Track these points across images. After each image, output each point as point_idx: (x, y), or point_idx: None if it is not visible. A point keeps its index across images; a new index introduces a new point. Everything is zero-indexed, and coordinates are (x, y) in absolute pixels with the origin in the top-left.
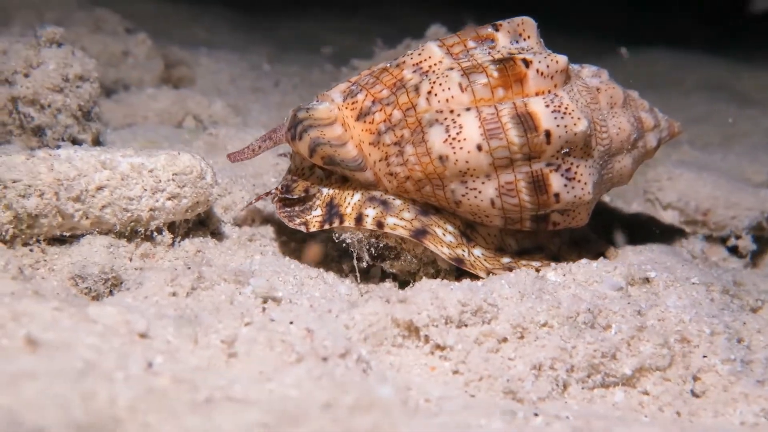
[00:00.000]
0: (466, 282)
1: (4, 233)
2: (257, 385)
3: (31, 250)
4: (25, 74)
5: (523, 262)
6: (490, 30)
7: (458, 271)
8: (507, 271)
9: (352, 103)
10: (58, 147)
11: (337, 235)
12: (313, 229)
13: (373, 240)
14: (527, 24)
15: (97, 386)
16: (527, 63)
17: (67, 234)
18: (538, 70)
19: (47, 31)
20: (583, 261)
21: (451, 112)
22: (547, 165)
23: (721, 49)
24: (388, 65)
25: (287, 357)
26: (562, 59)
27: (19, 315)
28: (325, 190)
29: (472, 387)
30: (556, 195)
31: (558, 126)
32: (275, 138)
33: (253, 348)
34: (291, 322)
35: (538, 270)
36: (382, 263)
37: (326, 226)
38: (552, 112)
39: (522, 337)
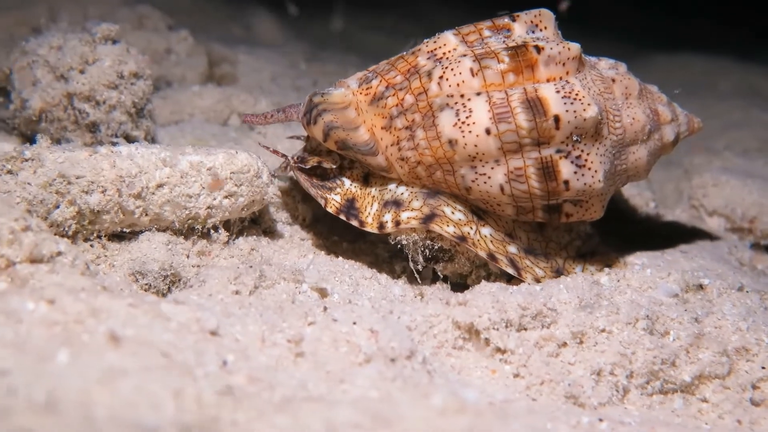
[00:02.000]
0: (524, 286)
1: (66, 228)
2: (329, 385)
3: (91, 246)
4: (81, 70)
5: (527, 262)
6: (506, 20)
7: (508, 275)
8: (508, 260)
9: (366, 89)
10: (115, 144)
11: (392, 237)
12: (329, 209)
13: (428, 242)
14: (545, 15)
15: (183, 384)
16: (539, 49)
17: (127, 230)
18: (549, 57)
19: (102, 27)
20: (637, 267)
21: (462, 96)
22: (556, 151)
23: (751, 53)
24: (405, 53)
25: (354, 357)
26: (575, 46)
27: (96, 311)
28: (347, 182)
29: (533, 391)
30: (566, 182)
31: (567, 111)
32: (288, 113)
33: (319, 348)
34: (354, 323)
35: (539, 281)
36: (435, 265)
37: (342, 217)
38: (562, 97)
39: (581, 342)
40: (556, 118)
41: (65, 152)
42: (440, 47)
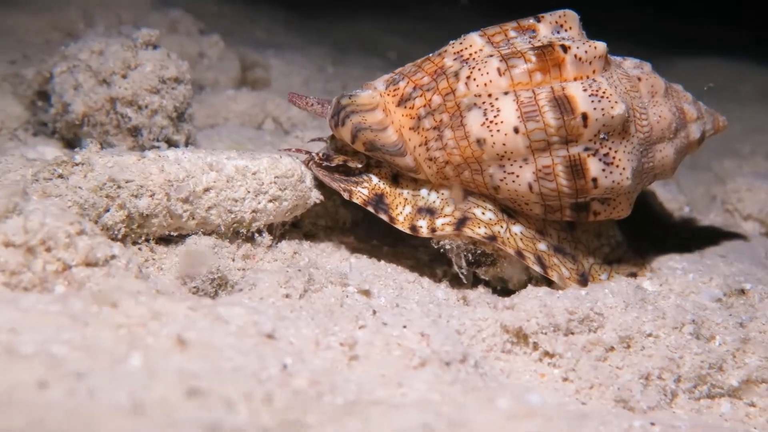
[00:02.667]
0: (570, 290)
1: (116, 232)
2: (387, 388)
3: (140, 249)
4: (123, 75)
5: (555, 260)
6: (531, 21)
7: (548, 280)
8: (535, 257)
9: (394, 90)
10: (158, 147)
11: (435, 241)
12: (355, 200)
13: (470, 246)
14: (569, 16)
15: (252, 387)
16: (565, 48)
17: (174, 234)
18: (576, 56)
19: (143, 33)
20: (678, 271)
21: (489, 96)
22: (585, 149)
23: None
24: (431, 55)
25: (408, 361)
26: (601, 45)
27: (158, 314)
28: (374, 179)
29: (583, 395)
30: (594, 180)
31: (595, 109)
32: (324, 109)
33: (371, 351)
34: (404, 326)
35: (564, 281)
36: (477, 269)
37: (370, 209)
38: (589, 95)
39: (628, 347)
40: (584, 116)
41: (114, 156)
42: (466, 48)
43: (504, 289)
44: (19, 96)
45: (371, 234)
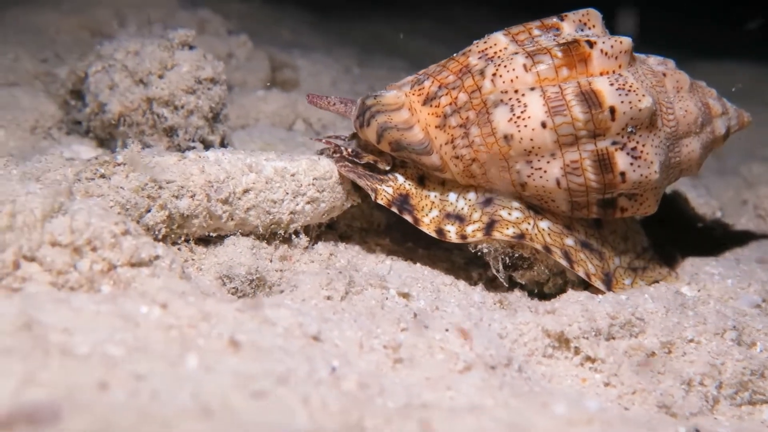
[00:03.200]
0: (610, 295)
1: (157, 232)
2: (435, 391)
3: (179, 249)
4: (160, 75)
5: (582, 255)
6: (555, 20)
7: (584, 283)
8: (562, 252)
9: (419, 90)
10: (194, 148)
11: (472, 245)
12: (380, 201)
13: (508, 250)
14: (592, 14)
15: (307, 389)
16: (591, 44)
17: (213, 234)
18: (602, 51)
19: (179, 33)
20: (716, 277)
21: (516, 92)
22: (612, 143)
23: None
24: (455, 55)
25: (452, 365)
26: (626, 40)
27: (207, 315)
28: (400, 178)
29: (625, 400)
30: (622, 174)
31: (622, 102)
32: (348, 108)
33: (415, 354)
34: (446, 330)
35: (589, 277)
36: (514, 273)
37: (394, 209)
38: (616, 89)
39: (670, 352)
40: (612, 110)
41: (155, 157)
42: (491, 47)
43: (539, 293)
44: (52, 95)
45: (406, 236)
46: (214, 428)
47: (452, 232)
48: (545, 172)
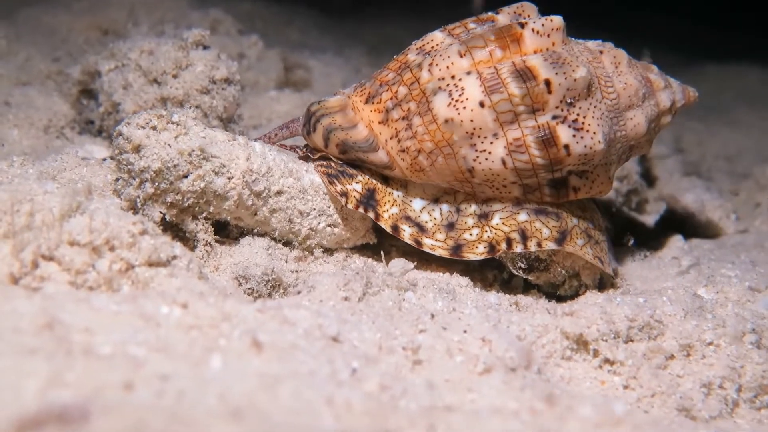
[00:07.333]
0: (629, 297)
1: (185, 200)
2: (456, 393)
3: (194, 247)
4: (174, 75)
5: (537, 224)
6: (491, 13)
7: (599, 284)
8: (520, 235)
9: (361, 90)
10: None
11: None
12: (350, 206)
13: (525, 252)
14: (527, 6)
15: (330, 391)
16: (522, 24)
17: (232, 222)
18: (533, 29)
19: (194, 33)
20: (734, 280)
21: (453, 77)
22: (553, 117)
23: None
24: (396, 56)
25: (472, 366)
26: (558, 18)
27: (228, 315)
28: (368, 174)
29: (645, 403)
30: (566, 146)
31: (557, 74)
32: (292, 129)
33: (434, 356)
34: (465, 331)
35: (541, 244)
36: (529, 275)
37: (360, 210)
38: (550, 63)
39: (689, 355)
40: (547, 82)
41: (207, 129)
42: (428, 43)
43: (554, 295)
44: (65, 94)
45: None
46: (247, 430)
47: (406, 232)
48: (490, 153)
